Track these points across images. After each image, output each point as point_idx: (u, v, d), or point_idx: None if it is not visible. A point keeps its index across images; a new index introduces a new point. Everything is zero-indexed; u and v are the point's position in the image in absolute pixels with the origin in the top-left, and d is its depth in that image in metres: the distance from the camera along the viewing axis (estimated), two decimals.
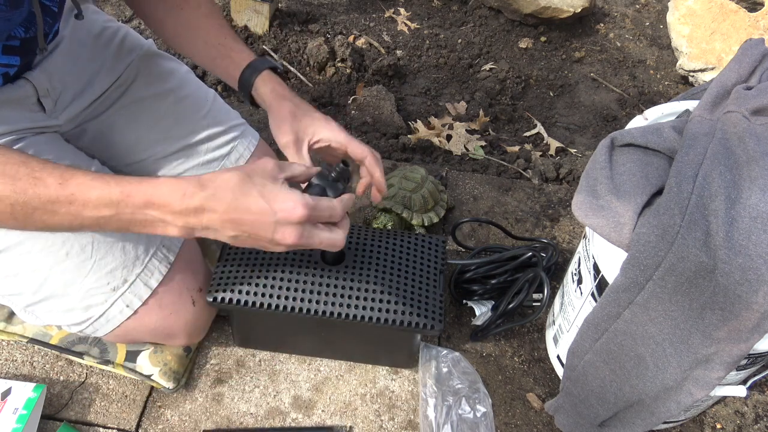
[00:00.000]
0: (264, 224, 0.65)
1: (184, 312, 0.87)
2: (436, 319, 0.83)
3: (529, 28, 1.92)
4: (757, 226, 0.65)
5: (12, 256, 0.79)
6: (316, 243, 0.68)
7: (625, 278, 0.73)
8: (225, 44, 0.88)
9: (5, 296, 0.83)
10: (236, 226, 0.65)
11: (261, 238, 0.66)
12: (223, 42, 0.88)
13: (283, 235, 0.65)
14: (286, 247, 0.67)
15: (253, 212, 0.65)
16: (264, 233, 0.65)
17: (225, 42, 0.88)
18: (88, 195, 0.64)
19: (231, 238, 0.67)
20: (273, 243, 0.67)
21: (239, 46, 0.88)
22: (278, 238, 0.66)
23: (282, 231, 0.65)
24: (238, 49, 0.88)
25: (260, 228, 0.65)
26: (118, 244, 0.82)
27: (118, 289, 0.82)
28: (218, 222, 0.65)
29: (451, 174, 1.38)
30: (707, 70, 1.74)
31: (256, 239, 0.67)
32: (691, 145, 0.74)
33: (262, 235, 0.66)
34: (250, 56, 0.87)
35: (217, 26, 0.89)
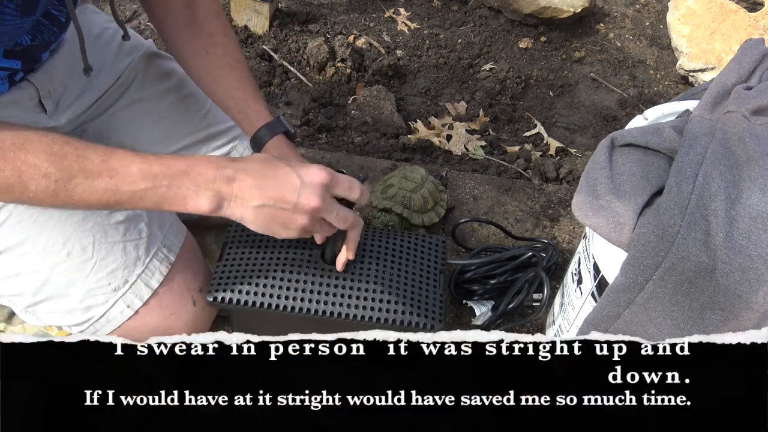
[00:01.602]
0: (289, 186, 0.69)
1: (184, 312, 0.87)
2: (436, 319, 0.83)
3: (529, 28, 1.92)
4: (757, 226, 0.65)
5: (13, 256, 0.79)
6: (333, 214, 0.71)
7: (625, 278, 0.73)
8: (244, 100, 0.88)
9: (6, 297, 0.83)
10: (263, 192, 0.69)
11: (286, 203, 0.69)
12: (243, 97, 0.88)
13: (307, 198, 0.69)
14: (308, 217, 0.70)
15: (279, 177, 0.69)
16: (289, 195, 0.69)
17: (244, 98, 0.88)
18: (129, 168, 0.67)
19: (256, 209, 0.70)
20: (296, 209, 0.69)
21: (257, 104, 0.88)
22: (302, 201, 0.69)
23: (306, 194, 0.69)
24: (255, 108, 0.88)
25: (286, 190, 0.68)
26: (119, 245, 0.83)
27: (119, 290, 0.82)
28: (247, 189, 0.69)
29: (451, 174, 1.38)
30: (707, 70, 1.74)
31: (281, 208, 0.69)
32: (691, 145, 0.74)
33: (287, 200, 0.69)
34: (266, 117, 0.87)
35: (238, 78, 0.89)
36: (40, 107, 0.85)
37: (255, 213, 0.70)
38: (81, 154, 0.66)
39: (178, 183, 0.68)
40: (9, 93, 0.79)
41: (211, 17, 0.90)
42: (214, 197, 0.69)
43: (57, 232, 0.80)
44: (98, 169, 0.67)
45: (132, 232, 0.84)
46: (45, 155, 0.65)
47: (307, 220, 0.71)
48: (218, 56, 0.89)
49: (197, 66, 0.91)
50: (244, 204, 0.70)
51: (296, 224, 0.71)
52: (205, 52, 0.89)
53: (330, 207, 0.71)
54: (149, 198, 0.69)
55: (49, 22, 0.76)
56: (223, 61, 0.89)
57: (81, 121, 0.92)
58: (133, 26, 1.70)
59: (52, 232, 0.80)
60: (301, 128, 1.53)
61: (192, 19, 0.89)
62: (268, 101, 1.60)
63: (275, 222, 0.71)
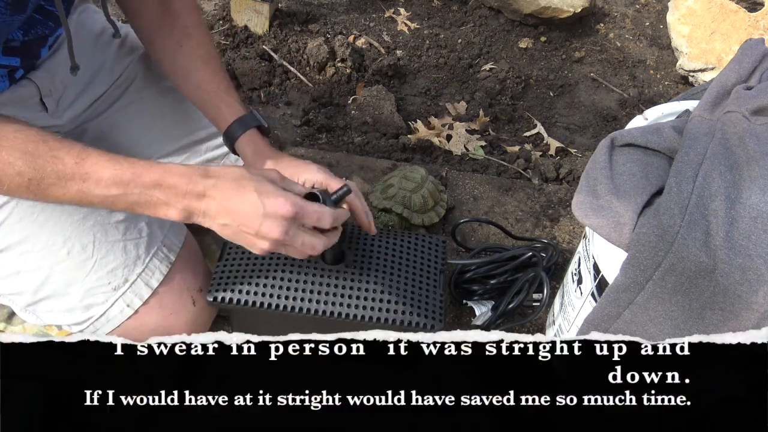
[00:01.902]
0: (252, 216, 0.69)
1: (184, 312, 0.87)
2: (436, 318, 0.83)
3: (529, 28, 1.92)
4: (757, 226, 0.65)
5: (13, 255, 0.79)
6: (298, 243, 0.71)
7: (625, 278, 0.73)
8: (217, 93, 0.87)
9: (6, 296, 0.83)
10: (228, 214, 0.70)
11: (248, 228, 0.69)
12: (216, 90, 0.87)
13: (268, 228, 0.69)
14: (270, 243, 0.70)
15: (245, 203, 0.69)
16: (251, 224, 0.69)
17: (217, 91, 0.87)
18: (101, 174, 0.68)
19: (222, 226, 0.71)
20: (258, 236, 0.70)
21: (230, 97, 0.87)
22: (263, 231, 0.69)
23: (268, 224, 0.69)
24: (228, 102, 0.87)
25: (248, 219, 0.69)
26: (119, 244, 0.82)
27: (119, 289, 0.82)
28: (214, 209, 0.70)
29: (451, 174, 1.38)
30: (707, 70, 1.74)
31: (244, 231, 0.70)
32: (691, 145, 0.74)
33: (249, 225, 0.69)
34: (238, 111, 0.86)
35: (211, 72, 0.88)
36: (42, 105, 0.85)
37: (221, 229, 0.72)
38: (55, 155, 0.67)
39: (149, 193, 0.69)
40: (10, 91, 0.79)
41: (186, 10, 0.89)
42: (183, 211, 0.70)
43: (57, 230, 0.80)
44: (71, 172, 0.67)
45: (132, 231, 0.84)
46: (19, 153, 0.66)
47: (269, 245, 0.71)
48: (192, 48, 0.88)
49: (170, 58, 0.89)
50: (211, 221, 0.71)
51: (259, 247, 0.71)
52: (179, 45, 0.88)
53: (293, 238, 0.70)
54: (120, 203, 0.70)
55: (43, 17, 0.75)
56: (197, 53, 0.88)
57: (81, 121, 0.92)
58: None
59: (52, 230, 0.80)
60: (301, 128, 1.53)
61: (167, 11, 0.88)
62: (268, 101, 1.60)
63: (239, 240, 0.72)
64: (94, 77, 0.92)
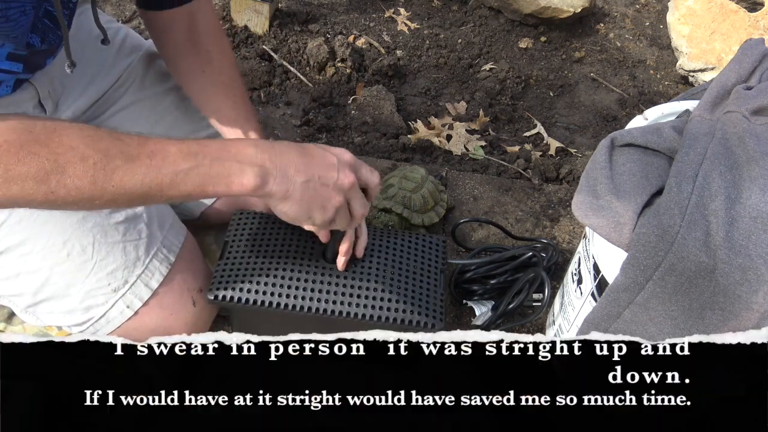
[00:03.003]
0: (330, 164, 0.70)
1: (184, 312, 0.87)
2: (437, 318, 0.83)
3: (529, 28, 1.92)
4: (757, 226, 0.65)
5: (13, 257, 0.79)
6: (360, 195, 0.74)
7: (625, 278, 0.73)
8: (236, 120, 0.89)
9: (6, 297, 0.83)
10: (308, 167, 0.69)
11: (328, 178, 0.70)
12: (235, 118, 0.89)
13: (344, 174, 0.71)
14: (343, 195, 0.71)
15: (317, 155, 0.71)
16: (331, 173, 0.70)
17: (236, 118, 0.89)
18: (167, 149, 0.65)
19: (303, 184, 0.69)
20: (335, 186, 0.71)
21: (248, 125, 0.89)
22: (341, 178, 0.71)
23: (343, 171, 0.71)
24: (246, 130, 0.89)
25: (328, 167, 0.70)
26: (119, 245, 0.82)
27: (118, 290, 0.82)
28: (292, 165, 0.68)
29: (451, 174, 1.38)
30: (707, 70, 1.74)
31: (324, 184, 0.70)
32: (691, 145, 0.74)
33: (329, 175, 0.70)
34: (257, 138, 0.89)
35: (232, 98, 0.89)
36: (40, 108, 0.85)
37: (301, 189, 0.69)
38: (117, 138, 0.63)
39: (220, 161, 0.66)
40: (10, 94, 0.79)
41: (209, 35, 0.90)
42: (259, 172, 0.66)
43: (57, 232, 0.80)
44: (137, 152, 0.63)
45: (132, 233, 0.84)
46: (80, 138, 0.62)
47: (342, 198, 0.72)
48: (214, 74, 0.89)
49: (192, 84, 0.91)
50: (289, 180, 0.68)
51: (333, 203, 0.71)
52: (201, 71, 0.89)
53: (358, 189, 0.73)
54: (191, 179, 0.65)
55: (53, 25, 0.75)
56: (218, 79, 0.89)
57: (81, 121, 0.92)
58: (133, 26, 1.70)
59: (52, 232, 0.80)
60: (301, 128, 1.53)
61: (191, 36, 0.89)
62: (268, 101, 1.60)
63: (316, 200, 0.70)
64: (94, 78, 0.92)
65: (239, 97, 0.90)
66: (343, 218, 0.74)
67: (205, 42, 0.89)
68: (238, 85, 0.91)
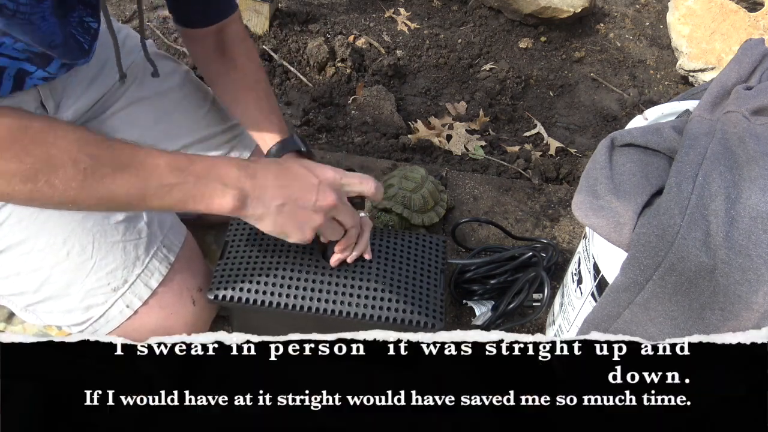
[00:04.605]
0: (308, 186, 0.72)
1: (184, 312, 0.87)
2: (437, 317, 0.83)
3: (529, 28, 1.92)
4: (757, 226, 0.65)
5: (13, 255, 0.79)
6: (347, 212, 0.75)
7: (625, 278, 0.73)
8: (260, 119, 0.93)
9: (5, 296, 0.83)
10: (284, 191, 0.71)
11: (305, 200, 0.72)
12: (259, 116, 0.93)
13: (324, 195, 0.72)
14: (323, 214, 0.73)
15: (298, 177, 0.72)
16: (308, 195, 0.72)
17: (260, 117, 0.93)
18: (156, 162, 0.66)
19: (278, 208, 0.71)
20: (314, 207, 0.72)
21: (272, 123, 0.93)
22: (320, 200, 0.72)
23: (323, 193, 0.72)
24: (270, 128, 0.93)
25: (306, 190, 0.72)
26: (119, 245, 0.82)
27: (118, 290, 0.82)
28: (269, 189, 0.70)
29: (451, 174, 1.38)
30: (707, 70, 1.74)
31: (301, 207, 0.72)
32: (691, 145, 0.74)
33: (306, 197, 0.71)
34: (279, 135, 0.92)
35: (255, 99, 0.94)
36: (42, 108, 0.85)
37: (277, 213, 0.72)
38: (109, 145, 0.65)
39: (205, 180, 0.68)
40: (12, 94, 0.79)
41: (236, 43, 0.95)
42: (239, 195, 0.69)
43: (57, 231, 0.80)
44: (127, 161, 0.65)
45: (132, 232, 0.84)
46: (74, 140, 0.63)
47: (322, 218, 0.73)
48: (238, 78, 0.94)
49: (221, 86, 0.97)
50: (265, 203, 0.71)
51: (312, 223, 0.73)
52: (227, 74, 0.95)
53: (344, 205, 0.75)
54: (175, 194, 0.67)
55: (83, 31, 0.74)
56: (242, 83, 0.94)
57: (82, 121, 0.92)
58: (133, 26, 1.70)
59: (52, 231, 0.80)
60: (301, 128, 1.53)
61: (219, 45, 0.95)
62: None
63: (292, 222, 0.72)
64: (95, 79, 0.92)
65: (263, 96, 0.95)
66: (332, 231, 0.77)
67: (231, 49, 0.95)
68: (261, 86, 0.96)
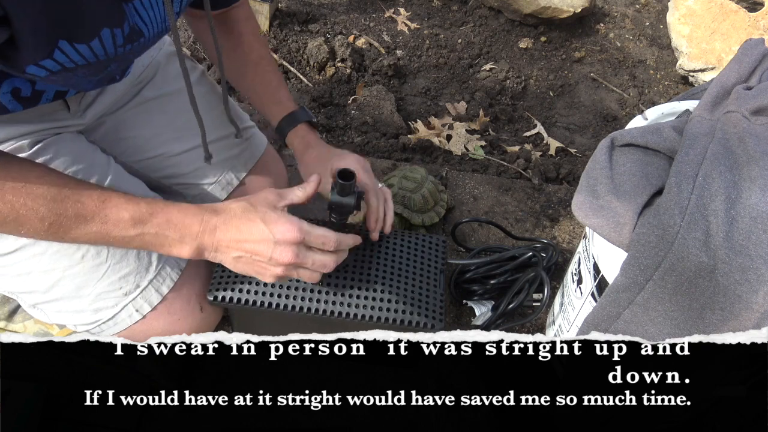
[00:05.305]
0: (264, 245, 0.72)
1: (191, 318, 0.88)
2: (436, 318, 0.83)
3: (529, 28, 1.92)
4: (757, 226, 0.65)
5: (26, 255, 0.80)
6: (309, 263, 0.74)
7: (625, 278, 0.73)
8: (267, 94, 0.95)
9: (15, 293, 0.84)
10: (240, 246, 0.73)
11: (261, 256, 0.73)
12: (266, 92, 0.95)
13: (280, 254, 0.72)
14: (283, 268, 0.73)
15: (255, 235, 0.73)
16: (264, 252, 0.73)
17: (267, 92, 0.95)
18: (120, 215, 0.71)
19: (234, 259, 0.74)
20: (271, 262, 0.73)
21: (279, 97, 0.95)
22: (276, 257, 0.72)
23: (279, 250, 0.72)
24: (277, 102, 0.95)
25: (260, 248, 0.73)
26: (133, 250, 0.83)
27: (129, 294, 0.83)
28: (225, 242, 0.73)
29: (451, 174, 1.38)
30: (707, 70, 1.74)
31: (257, 260, 0.74)
32: (691, 145, 0.74)
33: (262, 254, 0.73)
34: (287, 108, 0.94)
35: (261, 74, 0.96)
36: (64, 105, 0.85)
37: (234, 262, 0.75)
38: (77, 200, 0.69)
39: (165, 232, 0.72)
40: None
41: (242, 20, 0.97)
42: (196, 246, 0.74)
43: None
44: (92, 215, 0.70)
45: None
46: (43, 200, 0.67)
47: (282, 270, 0.74)
48: (244, 54, 0.96)
49: (228, 64, 0.98)
50: (223, 254, 0.75)
51: (272, 273, 0.74)
52: (233, 51, 0.96)
53: (304, 259, 0.74)
54: (135, 242, 0.73)
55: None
56: (249, 58, 0.96)
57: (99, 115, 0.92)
58: None
59: None
60: None
61: (225, 22, 0.97)
62: None
63: (250, 270, 0.75)
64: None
65: (270, 71, 0.96)
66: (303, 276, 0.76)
67: (237, 27, 0.96)
68: (265, 60, 0.97)
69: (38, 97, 0.75)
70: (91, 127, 0.92)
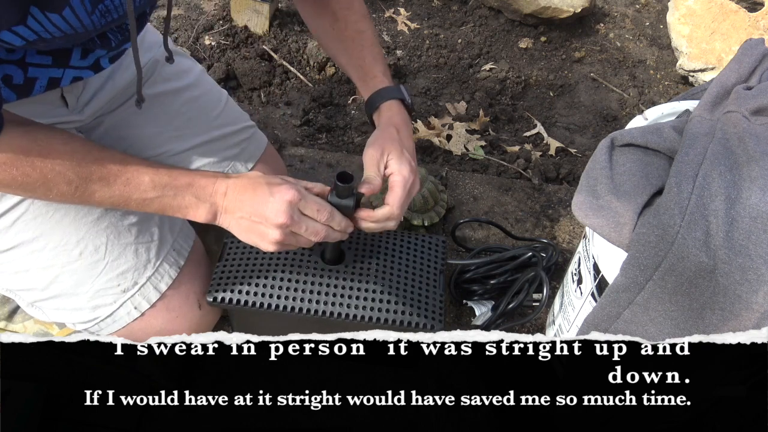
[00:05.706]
0: (261, 203, 0.75)
1: (190, 316, 0.87)
2: (436, 319, 0.83)
3: (529, 28, 1.92)
4: (757, 226, 0.65)
5: (24, 252, 0.80)
6: (303, 228, 0.76)
7: (625, 278, 0.73)
8: (362, 68, 0.95)
9: (13, 291, 0.84)
10: (243, 207, 0.76)
11: (258, 216, 0.75)
12: (361, 65, 0.95)
13: (275, 214, 0.74)
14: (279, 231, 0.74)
15: (256, 194, 0.75)
16: (261, 211, 0.75)
17: (362, 65, 0.95)
18: (141, 179, 0.74)
19: (238, 219, 0.77)
20: (268, 223, 0.75)
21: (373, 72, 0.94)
22: (271, 216, 0.74)
23: (275, 208, 0.74)
24: (372, 75, 0.94)
25: (258, 207, 0.75)
26: (131, 247, 0.83)
27: (127, 291, 0.83)
28: (232, 204, 0.76)
29: (451, 174, 1.38)
30: (707, 70, 1.74)
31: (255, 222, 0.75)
32: (691, 145, 0.74)
33: (259, 213, 0.75)
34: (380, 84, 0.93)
35: (358, 48, 0.96)
36: (62, 101, 0.85)
37: (238, 223, 0.77)
38: (102, 163, 0.72)
39: (183, 194, 0.75)
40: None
41: None
42: (210, 208, 0.77)
43: (71, 230, 0.80)
44: (115, 177, 0.73)
45: (144, 235, 0.84)
46: (69, 164, 0.70)
47: (279, 234, 0.75)
48: (340, 30, 0.96)
49: (325, 39, 0.99)
50: (230, 217, 0.77)
51: (270, 237, 0.75)
52: (330, 27, 0.96)
53: (298, 222, 0.75)
54: (155, 205, 0.75)
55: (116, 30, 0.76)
56: (345, 34, 0.96)
57: (99, 113, 0.92)
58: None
59: (66, 230, 0.80)
60: (301, 128, 1.53)
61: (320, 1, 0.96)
62: (268, 101, 1.60)
63: (253, 233, 0.77)
64: (113, 74, 0.92)
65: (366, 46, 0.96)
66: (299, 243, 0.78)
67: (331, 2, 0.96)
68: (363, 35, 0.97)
69: (31, 84, 0.75)
70: (90, 126, 0.92)
